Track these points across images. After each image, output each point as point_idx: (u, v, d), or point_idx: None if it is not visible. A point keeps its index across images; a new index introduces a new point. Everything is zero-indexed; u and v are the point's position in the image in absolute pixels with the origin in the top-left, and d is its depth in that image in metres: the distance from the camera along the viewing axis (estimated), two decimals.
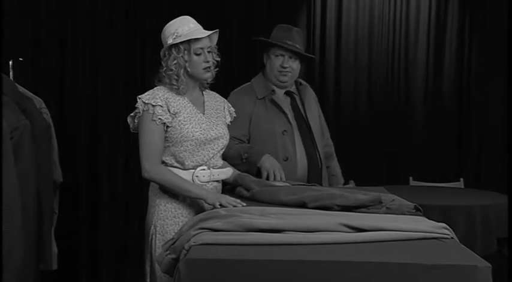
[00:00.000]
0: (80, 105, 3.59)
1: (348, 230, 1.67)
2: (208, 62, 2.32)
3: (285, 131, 2.78)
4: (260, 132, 2.77)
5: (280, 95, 2.86)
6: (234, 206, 2.08)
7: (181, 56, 2.30)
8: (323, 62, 4.49)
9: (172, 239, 1.80)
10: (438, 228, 1.68)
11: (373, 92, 4.55)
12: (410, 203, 2.04)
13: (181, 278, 1.49)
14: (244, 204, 2.10)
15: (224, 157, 2.67)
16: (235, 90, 2.92)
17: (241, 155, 2.69)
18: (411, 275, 1.41)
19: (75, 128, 3.59)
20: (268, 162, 2.63)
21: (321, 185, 2.81)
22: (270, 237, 1.62)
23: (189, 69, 2.32)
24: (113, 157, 3.72)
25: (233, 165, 2.64)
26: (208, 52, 2.33)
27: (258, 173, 2.64)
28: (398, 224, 1.68)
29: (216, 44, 2.41)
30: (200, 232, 1.68)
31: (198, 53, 2.31)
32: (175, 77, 2.32)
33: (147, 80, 2.45)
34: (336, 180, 3.08)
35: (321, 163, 2.87)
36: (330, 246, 1.59)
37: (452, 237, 1.65)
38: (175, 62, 2.31)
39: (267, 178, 2.59)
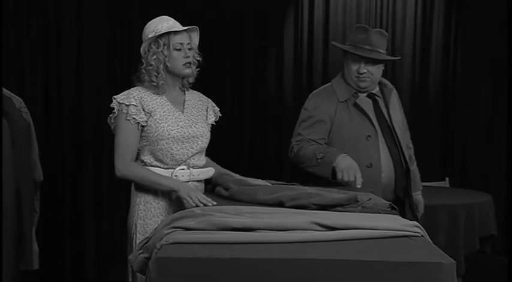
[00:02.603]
0: (64, 104, 3.60)
1: (320, 228, 1.68)
2: (188, 57, 2.32)
3: (368, 136, 2.65)
4: (342, 138, 2.65)
5: (362, 97, 2.73)
6: (204, 205, 2.08)
7: (161, 51, 2.31)
8: (311, 61, 4.50)
9: (147, 238, 1.80)
10: (410, 226, 1.70)
11: None
12: (386, 202, 2.05)
13: (151, 276, 1.50)
14: (215, 203, 2.10)
15: (299, 159, 2.65)
16: (315, 91, 2.83)
17: (316, 155, 2.56)
18: (378, 272, 1.43)
19: (59, 126, 3.60)
20: (344, 162, 2.49)
21: (409, 190, 2.72)
22: (242, 235, 1.63)
23: (168, 65, 2.33)
24: (98, 156, 3.73)
25: (307, 167, 2.59)
26: (189, 49, 2.34)
27: (333, 175, 2.51)
28: (370, 223, 1.70)
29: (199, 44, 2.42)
30: (173, 231, 1.68)
31: (178, 48, 2.32)
32: (155, 73, 2.33)
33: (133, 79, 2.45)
34: (414, 187, 2.86)
35: (407, 167, 2.73)
36: (302, 245, 1.59)
37: (422, 235, 1.66)
38: (154, 57, 2.32)
39: (342, 179, 2.46)
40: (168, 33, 2.30)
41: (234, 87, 4.33)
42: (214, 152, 2.51)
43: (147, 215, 2.34)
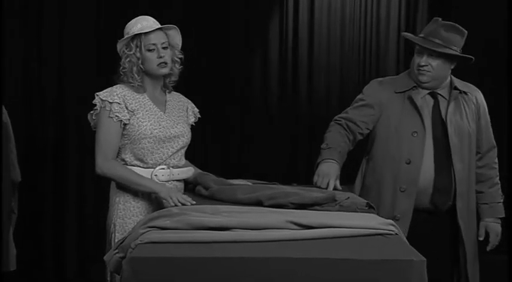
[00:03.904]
0: (47, 103, 3.59)
1: (295, 227, 1.69)
2: (161, 57, 2.31)
3: (415, 132, 2.52)
4: (388, 129, 2.57)
5: (422, 94, 2.58)
6: (184, 204, 2.08)
7: (133, 53, 2.32)
8: (296, 63, 4.51)
9: (124, 238, 1.80)
10: (384, 224, 1.71)
11: (346, 94, 4.55)
12: (364, 201, 2.06)
13: (125, 276, 1.50)
14: (194, 202, 2.10)
15: (323, 137, 2.62)
16: (379, 78, 2.77)
17: (323, 143, 2.58)
18: (350, 270, 1.44)
19: (42, 125, 3.59)
20: (323, 167, 2.47)
21: (444, 204, 2.51)
22: (217, 235, 1.64)
23: (141, 66, 2.33)
24: (81, 155, 3.71)
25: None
26: (164, 48, 2.33)
27: None
28: (345, 221, 1.71)
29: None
30: (148, 230, 1.69)
31: (150, 49, 2.31)
32: (130, 74, 2.33)
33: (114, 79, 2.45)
34: (488, 212, 2.66)
35: (455, 178, 2.51)
36: (277, 243, 1.61)
37: (396, 233, 1.68)
38: (128, 59, 2.33)
39: (316, 183, 2.43)
40: (139, 34, 2.30)
41: (219, 88, 4.32)
42: (199, 151, 2.50)
43: (126, 215, 2.34)
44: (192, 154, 2.59)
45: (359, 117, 2.62)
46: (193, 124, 2.55)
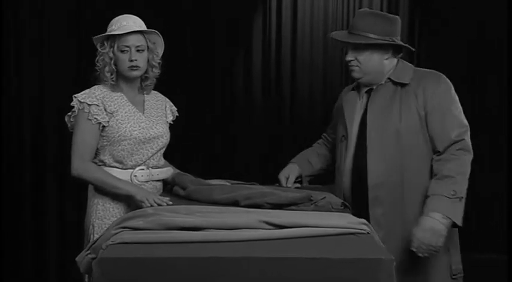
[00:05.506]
0: (23, 105, 3.58)
1: (268, 227, 1.69)
2: (132, 61, 2.30)
3: (343, 136, 2.41)
4: (336, 138, 2.53)
5: (362, 93, 2.40)
6: (159, 205, 2.07)
7: (106, 53, 2.31)
8: (279, 63, 4.51)
9: (97, 238, 1.79)
10: (357, 224, 1.72)
11: (328, 93, 4.57)
12: (339, 200, 2.07)
13: (95, 277, 1.49)
14: (171, 203, 2.09)
15: None
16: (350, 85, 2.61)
17: None
18: (319, 269, 1.45)
19: (20, 128, 3.56)
20: (286, 168, 2.64)
21: (366, 209, 2.24)
22: (189, 235, 1.63)
23: (113, 67, 2.32)
24: (60, 157, 3.70)
25: None
26: (138, 51, 2.32)
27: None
28: (317, 221, 1.71)
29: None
30: (120, 231, 1.68)
31: (123, 50, 2.30)
32: (103, 73, 2.33)
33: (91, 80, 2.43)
34: (426, 204, 2.18)
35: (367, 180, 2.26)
36: (249, 243, 1.60)
37: (368, 232, 1.68)
38: (102, 58, 2.32)
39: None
40: (114, 34, 2.29)
41: (201, 87, 4.31)
42: (180, 151, 2.49)
43: (105, 215, 2.33)
44: (173, 154, 2.59)
45: (329, 129, 2.71)
46: (172, 122, 2.54)
